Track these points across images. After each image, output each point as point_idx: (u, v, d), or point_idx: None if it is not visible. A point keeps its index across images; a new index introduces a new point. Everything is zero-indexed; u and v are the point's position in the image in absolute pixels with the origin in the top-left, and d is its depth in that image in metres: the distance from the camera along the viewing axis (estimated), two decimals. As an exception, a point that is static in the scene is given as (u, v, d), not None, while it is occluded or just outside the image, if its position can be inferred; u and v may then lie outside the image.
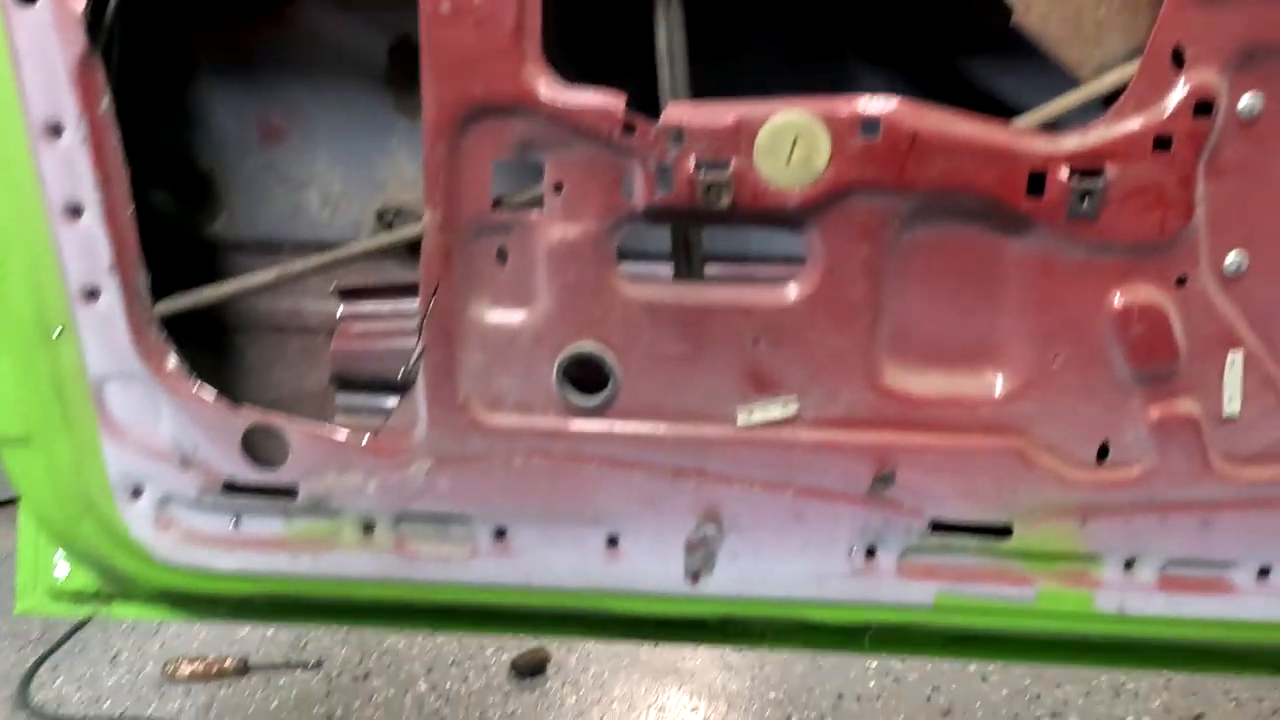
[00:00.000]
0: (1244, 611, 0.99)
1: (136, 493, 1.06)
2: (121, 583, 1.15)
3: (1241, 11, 0.81)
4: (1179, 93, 0.84)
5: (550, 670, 2.11)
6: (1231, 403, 0.92)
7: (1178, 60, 0.83)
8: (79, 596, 1.23)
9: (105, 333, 0.99)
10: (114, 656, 2.20)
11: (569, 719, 1.95)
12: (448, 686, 2.06)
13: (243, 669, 2.10)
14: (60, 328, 0.99)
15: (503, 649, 2.19)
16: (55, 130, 0.93)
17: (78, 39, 0.90)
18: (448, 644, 2.21)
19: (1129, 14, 0.88)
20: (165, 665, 2.10)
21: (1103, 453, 0.95)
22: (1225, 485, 0.94)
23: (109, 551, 1.09)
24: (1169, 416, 0.93)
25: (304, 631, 2.30)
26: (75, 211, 0.96)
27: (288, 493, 1.04)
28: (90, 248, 0.97)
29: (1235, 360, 0.91)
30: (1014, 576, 1.00)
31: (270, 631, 2.30)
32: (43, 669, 2.14)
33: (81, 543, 1.10)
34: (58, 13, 0.89)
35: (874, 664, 2.18)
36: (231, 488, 1.04)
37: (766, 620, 1.08)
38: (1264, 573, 0.98)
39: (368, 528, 1.05)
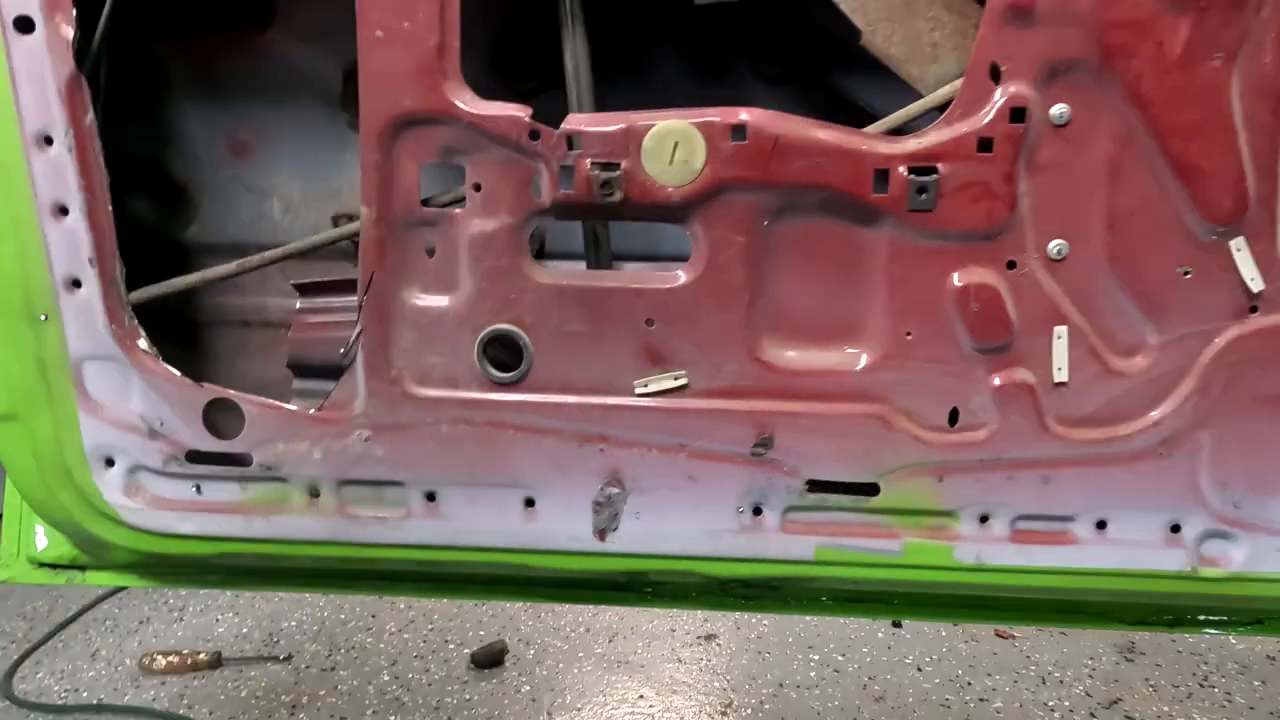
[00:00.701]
0: (1087, 561, 1.12)
1: (109, 463, 1.19)
2: (95, 549, 1.27)
3: (1044, 35, 0.97)
4: (996, 102, 0.99)
5: (507, 662, 2.21)
6: (1060, 371, 1.05)
7: (995, 75, 0.98)
8: (57, 565, 1.35)
9: (85, 318, 1.13)
10: (94, 653, 2.30)
11: (523, 706, 2.04)
12: (410, 677, 2.16)
13: (216, 662, 2.20)
14: (45, 314, 1.13)
15: (464, 643, 2.29)
16: (46, 140, 1.08)
17: (67, 62, 1.06)
18: (413, 638, 2.31)
19: (960, 36, 1.04)
20: (142, 659, 2.20)
21: (953, 417, 1.08)
22: (1061, 444, 1.07)
23: (84, 518, 1.22)
24: (1008, 384, 1.06)
25: (278, 627, 2.40)
26: (62, 210, 1.10)
27: (243, 461, 1.17)
28: (74, 242, 1.11)
29: (1061, 334, 1.05)
30: (883, 531, 1.12)
31: (244, 629, 2.40)
32: (25, 664, 2.23)
33: (60, 511, 1.22)
34: (51, 39, 1.05)
35: (815, 656, 2.27)
36: (194, 456, 1.17)
37: (668, 575, 1.20)
38: (1101, 525, 1.11)
39: (314, 493, 1.18)
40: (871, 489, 1.11)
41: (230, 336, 1.41)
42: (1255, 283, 1.02)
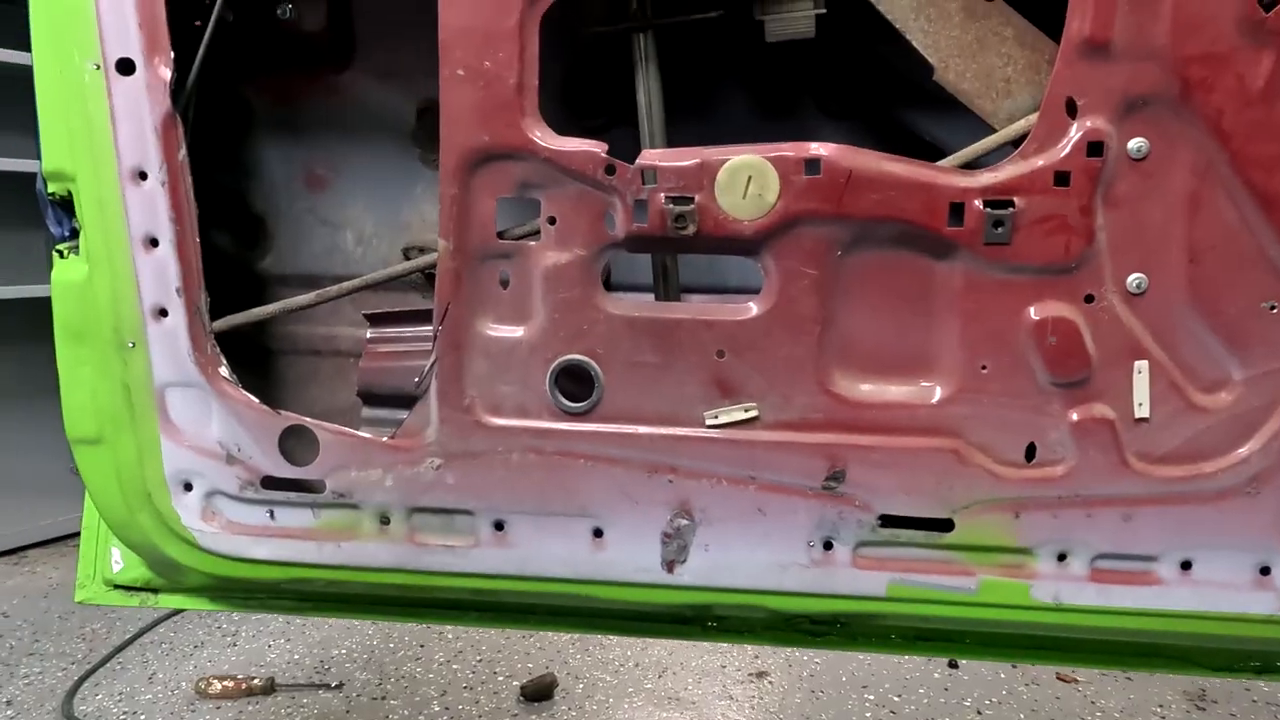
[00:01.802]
0: (1171, 603, 1.08)
1: (188, 487, 1.22)
2: (170, 571, 1.30)
3: (1121, 69, 0.97)
4: (1073, 136, 0.98)
5: (557, 695, 2.19)
6: (1141, 407, 1.03)
7: (1071, 110, 0.98)
8: (131, 588, 1.38)
9: (170, 346, 1.17)
10: (151, 676, 2.33)
11: (574, 741, 2.02)
12: (460, 709, 2.15)
13: (269, 688, 2.22)
14: (133, 341, 1.17)
15: (513, 676, 2.28)
16: (141, 175, 1.13)
17: (164, 101, 1.11)
18: (461, 670, 2.31)
19: (1032, 72, 1.04)
20: (198, 683, 2.22)
21: (1030, 452, 1.06)
22: (1142, 482, 1.05)
23: (162, 540, 1.24)
24: (1086, 419, 1.04)
25: (328, 654, 2.41)
26: (153, 242, 1.15)
27: (316, 488, 1.19)
28: (163, 273, 1.15)
29: (1142, 368, 1.03)
30: (957, 568, 1.10)
31: (296, 655, 2.42)
32: (85, 686, 2.27)
33: (138, 533, 1.26)
34: (150, 80, 1.10)
35: (870, 696, 2.22)
36: (269, 482, 1.19)
37: (735, 609, 1.19)
38: (1185, 565, 1.07)
39: (384, 520, 1.19)
40: (946, 525, 1.09)
41: (301, 365, 1.45)
42: (1345, 317, 0.99)
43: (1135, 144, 0.99)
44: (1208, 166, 0.98)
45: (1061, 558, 1.09)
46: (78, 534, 3.44)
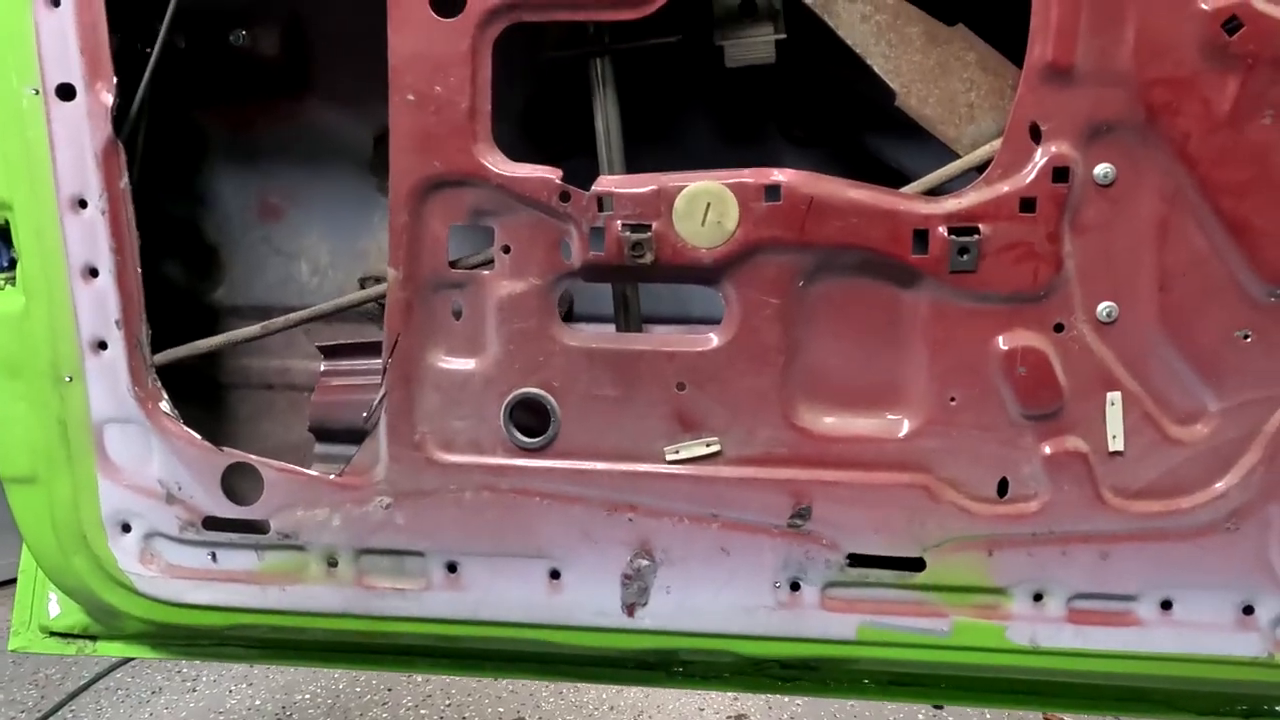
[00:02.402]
0: (1152, 644, 1.04)
1: (126, 528, 1.16)
2: (108, 617, 1.24)
3: (1085, 94, 0.94)
4: (1038, 162, 0.96)
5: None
6: (1115, 440, 1.00)
7: (1035, 135, 0.96)
8: (68, 635, 1.31)
9: (109, 380, 1.12)
10: (104, 724, 2.24)
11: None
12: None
13: (227, 737, 2.12)
14: (70, 375, 1.12)
15: (484, 721, 2.20)
16: (81, 203, 1.09)
17: (105, 128, 1.07)
18: (430, 715, 2.22)
19: (996, 97, 1.02)
20: (153, 733, 2.13)
21: (1002, 487, 1.02)
22: (1119, 518, 1.01)
23: (97, 585, 1.18)
24: (1059, 453, 1.01)
25: (291, 700, 2.32)
26: (92, 272, 1.10)
27: (261, 528, 1.13)
28: (102, 304, 1.10)
29: (1115, 400, 1.00)
30: (929, 609, 1.06)
31: (257, 701, 2.33)
32: (35, 736, 2.17)
33: (73, 577, 1.19)
34: (91, 106, 1.07)
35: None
36: (211, 523, 1.14)
37: (700, 654, 1.13)
38: (1166, 605, 1.03)
39: (331, 562, 1.14)
40: (917, 564, 1.05)
41: (253, 399, 1.40)
42: (1321, 346, 0.97)
43: (1101, 170, 0.96)
44: (1176, 192, 0.96)
45: (1037, 598, 1.04)
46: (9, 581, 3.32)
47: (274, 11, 1.25)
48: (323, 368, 1.29)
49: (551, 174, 1.02)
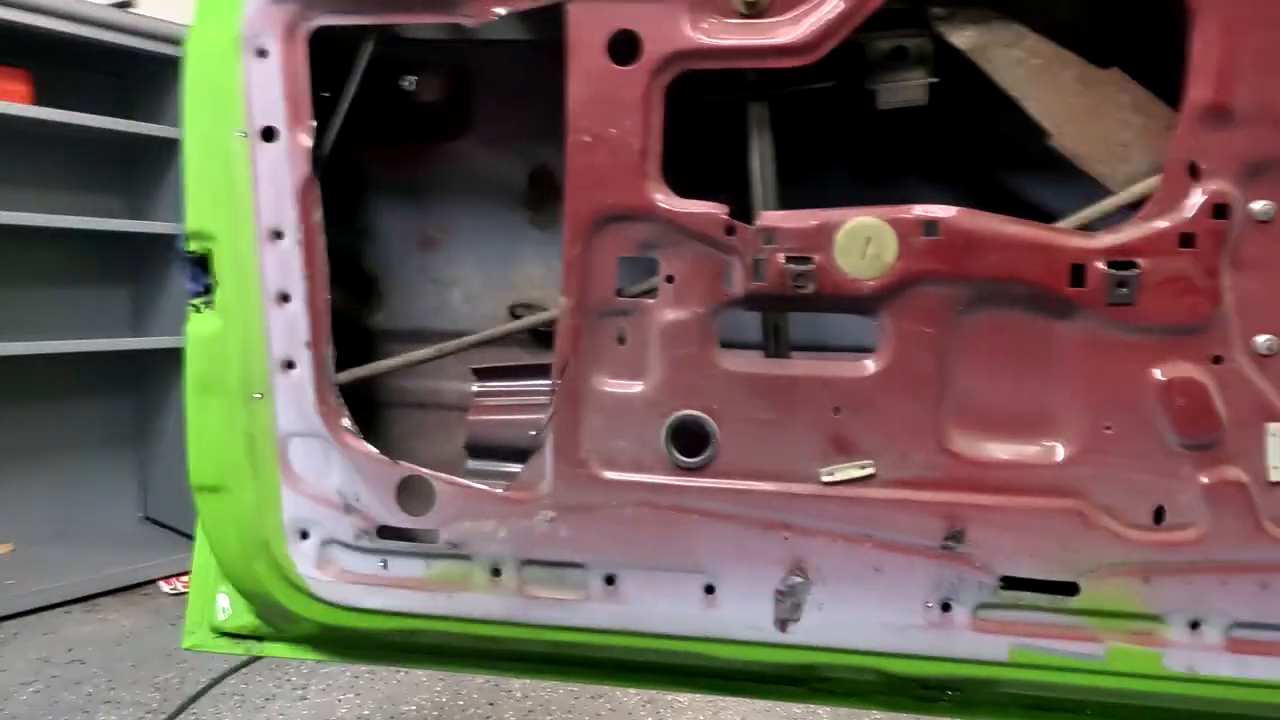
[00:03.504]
0: (1313, 675, 1.04)
1: (304, 535, 1.25)
2: (281, 619, 1.32)
3: (1243, 134, 0.98)
4: (1197, 199, 0.99)
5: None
6: (1275, 470, 1.01)
7: (1194, 173, 1.00)
8: (237, 635, 1.41)
9: (296, 397, 1.21)
10: (225, 728, 2.34)
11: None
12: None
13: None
14: (260, 392, 1.22)
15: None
16: (278, 235, 1.19)
17: (304, 167, 1.17)
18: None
19: (1149, 136, 1.06)
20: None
21: (1159, 515, 1.04)
22: (1279, 548, 1.02)
23: (275, 588, 1.27)
24: (1218, 482, 1.02)
25: (397, 709, 2.40)
26: (285, 298, 1.20)
27: (430, 538, 1.21)
28: (293, 327, 1.20)
29: (1275, 430, 1.01)
30: (1083, 633, 1.08)
31: (366, 710, 2.41)
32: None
33: (253, 581, 1.28)
34: (291, 148, 1.17)
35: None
36: (384, 532, 1.22)
37: (845, 670, 1.17)
38: (1329, 636, 1.04)
39: (496, 571, 1.20)
40: (1071, 588, 1.07)
41: (406, 418, 1.49)
42: None
43: (1260, 206, 0.99)
44: (1336, 229, 0.98)
45: (1195, 625, 1.06)
46: (149, 582, 3.49)
47: (442, 60, 1.35)
48: (476, 388, 1.37)
49: (719, 209, 1.08)
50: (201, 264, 1.26)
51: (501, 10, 1.10)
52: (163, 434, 3.76)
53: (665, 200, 1.09)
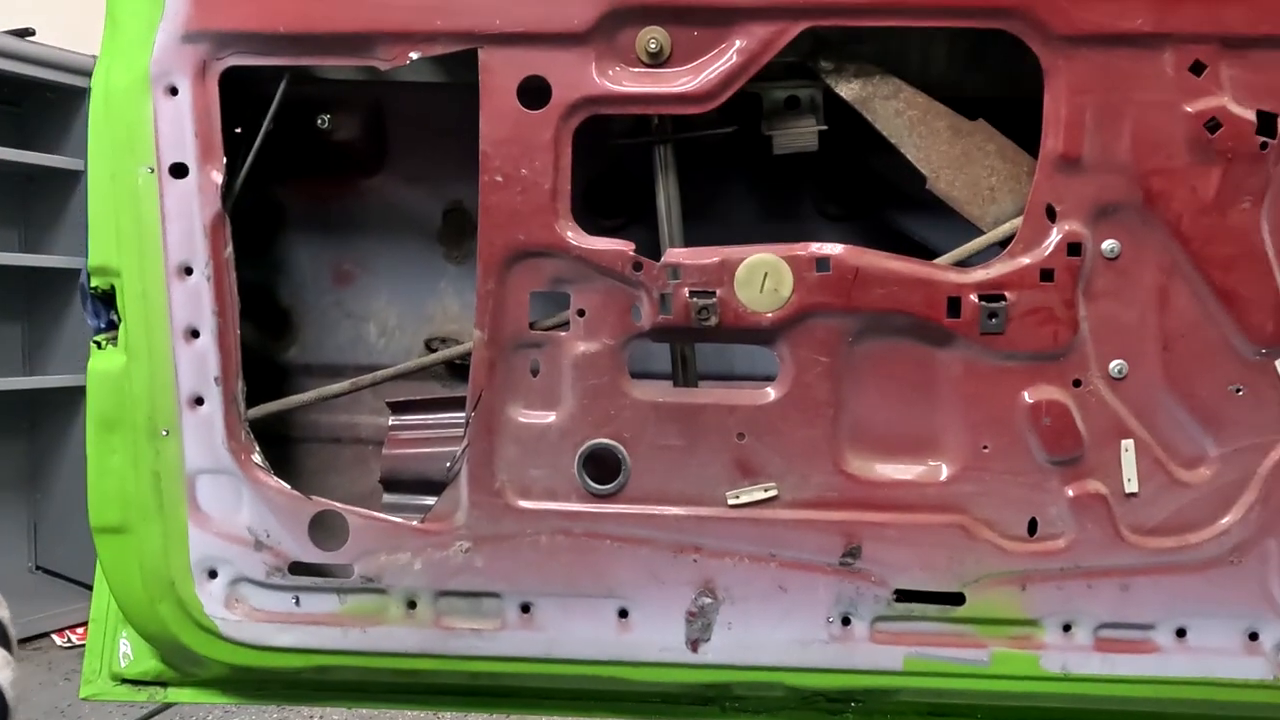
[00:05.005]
0: (1170, 669, 1.14)
1: (212, 574, 1.22)
2: (187, 662, 1.29)
3: (1092, 180, 1.10)
4: (1054, 238, 1.10)
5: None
6: (1130, 482, 1.12)
7: (1051, 214, 1.11)
8: (139, 682, 1.36)
9: (204, 433, 1.20)
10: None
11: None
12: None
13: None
14: (167, 429, 1.20)
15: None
16: (187, 270, 1.19)
17: (214, 202, 1.18)
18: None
19: (1014, 181, 1.17)
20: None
21: (1032, 527, 1.14)
22: (1136, 553, 1.12)
23: (181, 630, 1.24)
24: (1082, 494, 1.13)
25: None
26: (194, 334, 1.19)
27: (345, 572, 1.20)
28: (202, 363, 1.20)
29: (1129, 446, 1.12)
30: (970, 640, 1.16)
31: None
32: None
33: (157, 624, 1.25)
34: (202, 183, 1.18)
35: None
36: (297, 568, 1.21)
37: (755, 688, 1.21)
38: (1181, 633, 1.14)
39: (411, 604, 1.21)
40: (957, 598, 1.15)
41: (320, 453, 1.48)
42: (1302, 399, 1.10)
43: (1109, 245, 1.11)
44: (1172, 265, 1.11)
45: (1067, 628, 1.15)
46: (41, 635, 3.28)
47: (359, 99, 1.38)
48: (392, 422, 1.38)
49: (626, 246, 1.14)
50: (105, 300, 1.24)
51: (415, 55, 1.14)
52: (56, 478, 3.56)
53: (575, 237, 1.14)
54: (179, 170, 1.18)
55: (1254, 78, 1.07)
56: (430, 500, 1.23)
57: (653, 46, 1.12)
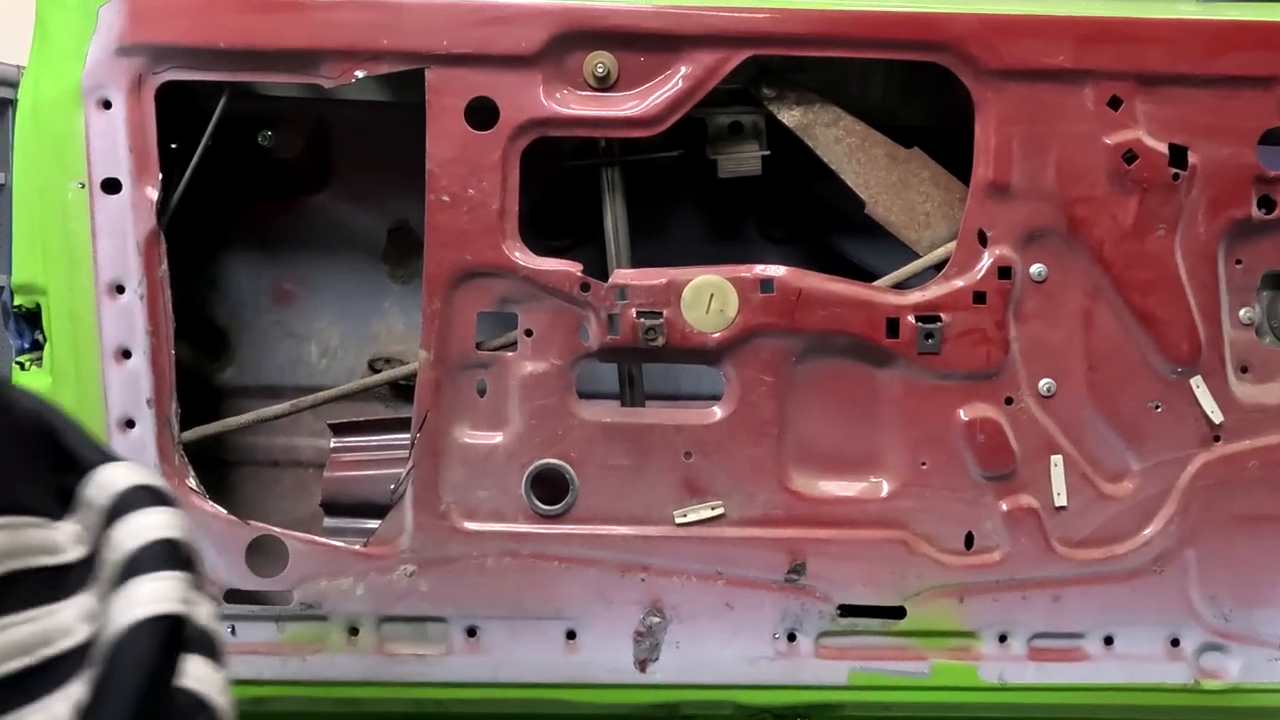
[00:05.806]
0: (1100, 676, 1.19)
1: (142, 604, 1.18)
2: (111, 697, 1.23)
3: (1020, 207, 1.15)
4: (986, 262, 1.15)
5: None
6: (1060, 496, 1.17)
7: (982, 240, 1.15)
8: (60, 719, 1.29)
9: (136, 457, 1.15)
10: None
11: None
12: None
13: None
14: (95, 454, 1.16)
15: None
16: (119, 289, 1.15)
17: (149, 220, 1.15)
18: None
19: (948, 207, 1.21)
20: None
21: (969, 541, 1.17)
22: (1066, 564, 1.17)
23: (107, 663, 1.19)
24: (1015, 509, 1.17)
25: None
26: (125, 354, 1.16)
27: (284, 599, 1.17)
28: (134, 384, 1.16)
29: (1058, 462, 1.17)
30: (911, 653, 1.18)
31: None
32: None
33: (80, 656, 1.19)
34: (136, 200, 1.14)
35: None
36: (233, 595, 1.17)
37: (704, 706, 1.22)
38: (1109, 641, 1.19)
39: (353, 630, 1.18)
40: (899, 612, 1.17)
41: (259, 476, 1.44)
42: (1215, 415, 1.17)
43: (1036, 269, 1.16)
44: (1096, 288, 1.16)
45: (1003, 639, 1.18)
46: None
47: (301, 116, 1.36)
48: (333, 444, 1.35)
49: (573, 267, 1.15)
50: (30, 319, 1.19)
51: (360, 73, 1.13)
52: (-31, 506, 3.38)
53: (523, 258, 1.14)
54: (111, 186, 1.14)
55: (1166, 112, 1.14)
56: (373, 524, 1.21)
57: (600, 71, 1.13)
